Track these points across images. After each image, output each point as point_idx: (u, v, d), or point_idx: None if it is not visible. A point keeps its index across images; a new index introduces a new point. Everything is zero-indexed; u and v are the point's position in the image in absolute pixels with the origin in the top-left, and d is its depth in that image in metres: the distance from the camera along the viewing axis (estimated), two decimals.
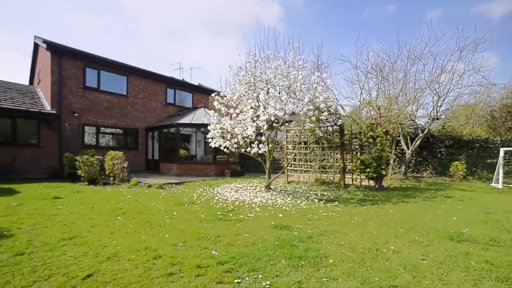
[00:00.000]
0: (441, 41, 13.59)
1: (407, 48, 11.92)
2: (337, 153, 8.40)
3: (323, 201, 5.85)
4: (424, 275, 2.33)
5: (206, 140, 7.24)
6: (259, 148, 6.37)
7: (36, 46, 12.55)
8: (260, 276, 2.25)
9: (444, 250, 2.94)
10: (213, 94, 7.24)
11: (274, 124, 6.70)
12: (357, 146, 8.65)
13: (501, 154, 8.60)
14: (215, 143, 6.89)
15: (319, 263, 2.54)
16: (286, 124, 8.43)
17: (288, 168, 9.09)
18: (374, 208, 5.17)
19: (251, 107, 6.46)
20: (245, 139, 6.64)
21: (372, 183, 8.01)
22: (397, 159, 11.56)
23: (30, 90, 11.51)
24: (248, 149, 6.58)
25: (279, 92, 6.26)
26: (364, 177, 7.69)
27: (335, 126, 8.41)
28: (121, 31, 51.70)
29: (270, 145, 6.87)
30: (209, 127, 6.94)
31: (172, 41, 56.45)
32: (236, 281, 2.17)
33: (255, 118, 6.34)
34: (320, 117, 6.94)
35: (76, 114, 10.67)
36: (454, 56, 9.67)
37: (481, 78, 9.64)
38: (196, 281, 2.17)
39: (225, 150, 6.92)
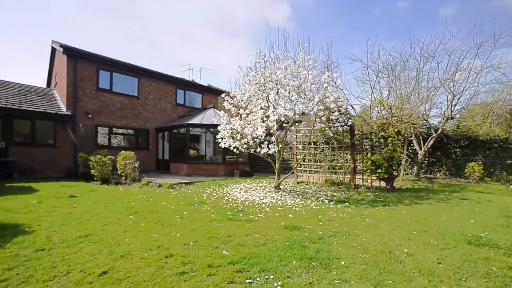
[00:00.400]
0: (456, 38, 13.13)
1: (420, 45, 11.58)
2: (347, 154, 8.28)
3: (333, 202, 5.78)
4: (441, 280, 2.26)
5: (216, 140, 7.30)
6: (269, 149, 6.37)
7: (53, 50, 13.02)
8: (272, 277, 2.25)
9: (461, 254, 2.84)
10: (223, 95, 7.29)
11: (284, 125, 6.68)
12: (368, 147, 8.50)
13: None
14: (225, 143, 6.93)
15: (330, 264, 2.51)
16: (296, 124, 8.38)
17: (297, 168, 9.04)
18: (386, 210, 5.07)
19: (261, 108, 6.47)
20: (255, 140, 6.65)
21: (383, 184, 7.85)
22: (409, 160, 11.28)
23: (47, 93, 11.96)
24: (258, 150, 6.58)
25: (289, 92, 6.23)
26: (375, 178, 7.54)
27: (346, 126, 8.29)
28: (121, 31, 52.68)
29: (280, 146, 6.85)
30: (219, 128, 6.99)
31: (178, 42, 57.22)
32: (247, 281, 2.17)
33: (265, 119, 6.34)
34: (330, 117, 6.87)
35: (89, 115, 10.99)
36: (470, 53, 9.35)
37: (501, 75, 9.27)
38: (208, 280, 2.19)
39: (234, 150, 6.95)
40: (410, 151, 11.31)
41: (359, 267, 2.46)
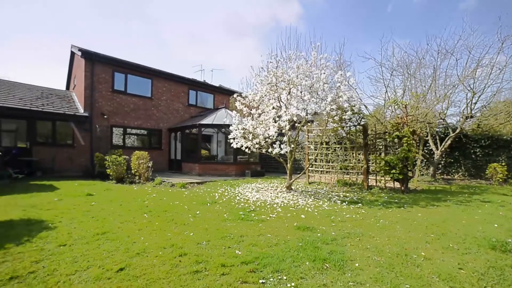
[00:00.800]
0: (477, 33, 12.54)
1: (437, 42, 11.23)
2: (360, 154, 8.12)
3: (346, 202, 5.69)
4: (463, 286, 2.16)
5: (227, 140, 7.34)
6: (281, 149, 6.33)
7: (72, 54, 13.56)
8: (285, 278, 2.24)
9: (485, 260, 2.71)
10: (235, 95, 7.32)
11: (296, 124, 6.63)
12: (381, 147, 8.30)
13: None
14: (237, 143, 6.96)
15: (344, 266, 2.47)
16: (308, 124, 8.30)
17: (309, 168, 8.95)
18: (401, 211, 4.93)
19: (273, 107, 6.46)
20: (267, 140, 6.64)
21: (397, 185, 7.64)
22: (425, 160, 10.90)
23: (67, 95, 12.48)
24: (270, 150, 6.57)
25: (301, 92, 6.18)
26: (389, 178, 7.35)
27: (358, 126, 8.13)
28: (128, 32, 53.85)
29: (292, 146, 6.80)
30: (231, 128, 7.02)
31: (188, 42, 57.94)
32: (260, 281, 2.18)
33: (277, 118, 6.32)
34: (343, 117, 6.75)
35: (105, 116, 11.36)
36: (493, 48, 8.88)
37: None
38: (221, 279, 2.21)
39: (246, 150, 6.97)
40: (426, 151, 10.94)
41: (374, 270, 2.41)
